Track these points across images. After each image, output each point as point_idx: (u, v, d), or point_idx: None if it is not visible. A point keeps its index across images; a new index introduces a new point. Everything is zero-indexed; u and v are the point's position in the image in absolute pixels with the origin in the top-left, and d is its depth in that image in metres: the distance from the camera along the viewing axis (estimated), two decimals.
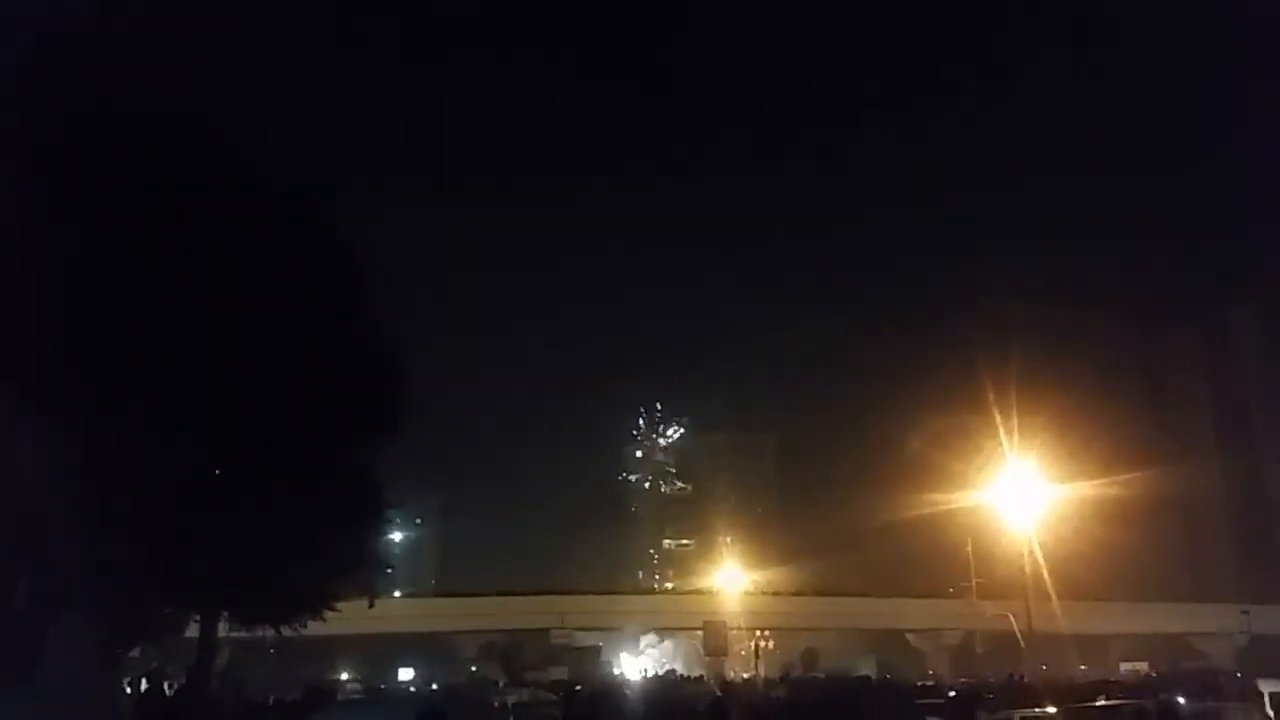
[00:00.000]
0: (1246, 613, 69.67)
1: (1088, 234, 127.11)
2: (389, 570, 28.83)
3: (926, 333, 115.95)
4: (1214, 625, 69.87)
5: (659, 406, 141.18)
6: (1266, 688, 25.41)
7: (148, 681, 22.85)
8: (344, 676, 61.87)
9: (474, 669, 65.58)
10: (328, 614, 22.07)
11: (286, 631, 21.42)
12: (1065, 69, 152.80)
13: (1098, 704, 20.41)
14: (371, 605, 25.07)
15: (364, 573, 23.11)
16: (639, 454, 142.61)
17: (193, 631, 20.66)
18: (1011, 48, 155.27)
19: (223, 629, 21.17)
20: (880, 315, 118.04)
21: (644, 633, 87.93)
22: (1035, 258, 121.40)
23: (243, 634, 21.77)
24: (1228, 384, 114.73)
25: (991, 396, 47.91)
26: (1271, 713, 21.26)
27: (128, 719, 15.44)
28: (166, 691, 21.38)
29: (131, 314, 14.74)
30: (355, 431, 19.45)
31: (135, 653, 22.48)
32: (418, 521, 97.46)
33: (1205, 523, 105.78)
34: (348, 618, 27.18)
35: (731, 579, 79.38)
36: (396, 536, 71.71)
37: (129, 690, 22.36)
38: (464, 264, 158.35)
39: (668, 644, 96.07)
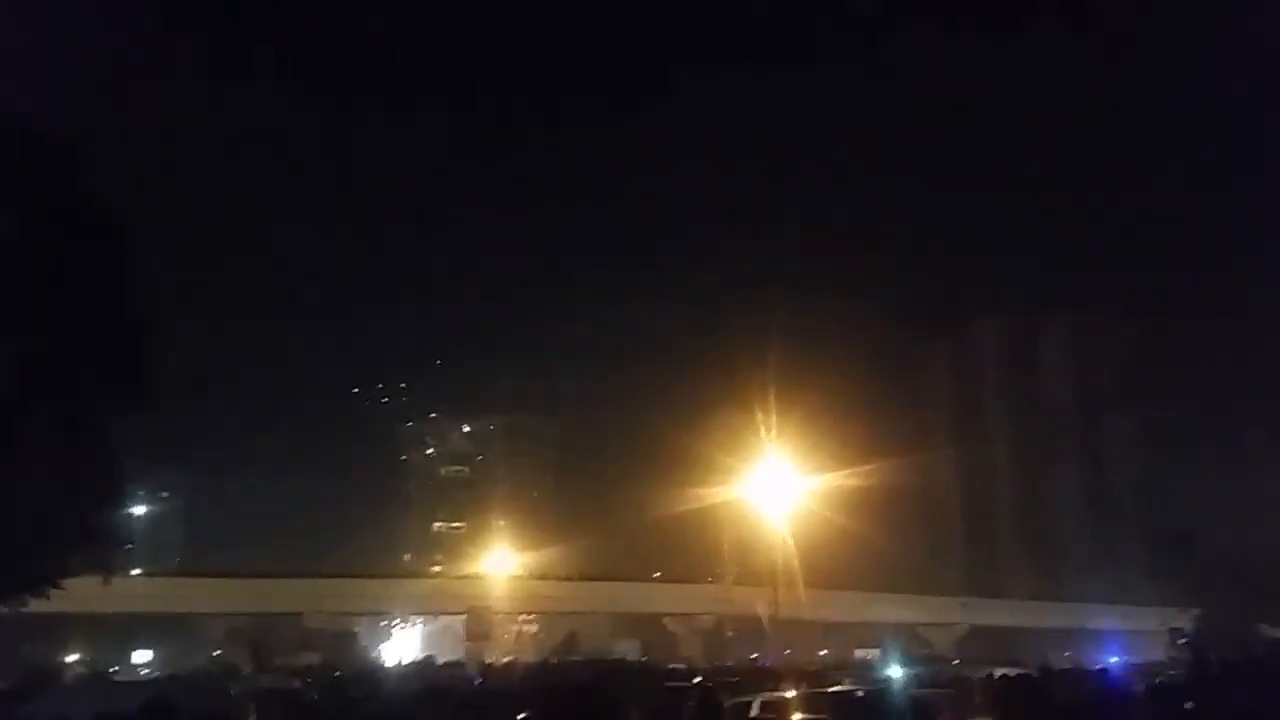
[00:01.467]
0: (965, 605, 77.19)
1: (856, 236, 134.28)
2: (128, 547, 26.87)
3: (698, 328, 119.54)
4: (938, 616, 76.52)
5: (435, 386, 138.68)
6: (976, 672, 28.15)
7: None
8: (72, 659, 57.15)
9: (217, 653, 62.17)
10: (56, 590, 20.42)
11: (3, 609, 19.66)
12: (860, 67, 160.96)
13: (830, 690, 21.90)
14: (107, 582, 23.33)
15: (98, 547, 21.48)
16: (415, 434, 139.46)
17: None
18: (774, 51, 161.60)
19: None
20: (658, 306, 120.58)
21: (406, 617, 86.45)
22: (802, 256, 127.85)
23: None
24: (970, 392, 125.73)
25: (753, 391, 50.61)
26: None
27: None
28: None
29: None
30: (91, 395, 18.02)
31: None
32: (163, 495, 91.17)
33: (939, 519, 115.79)
34: (80, 595, 25.23)
35: (500, 563, 79.44)
36: (138, 510, 67.14)
37: None
38: (233, 219, 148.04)
39: (431, 629, 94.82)
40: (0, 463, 15.51)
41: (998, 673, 25.00)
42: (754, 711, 18.42)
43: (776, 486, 48.95)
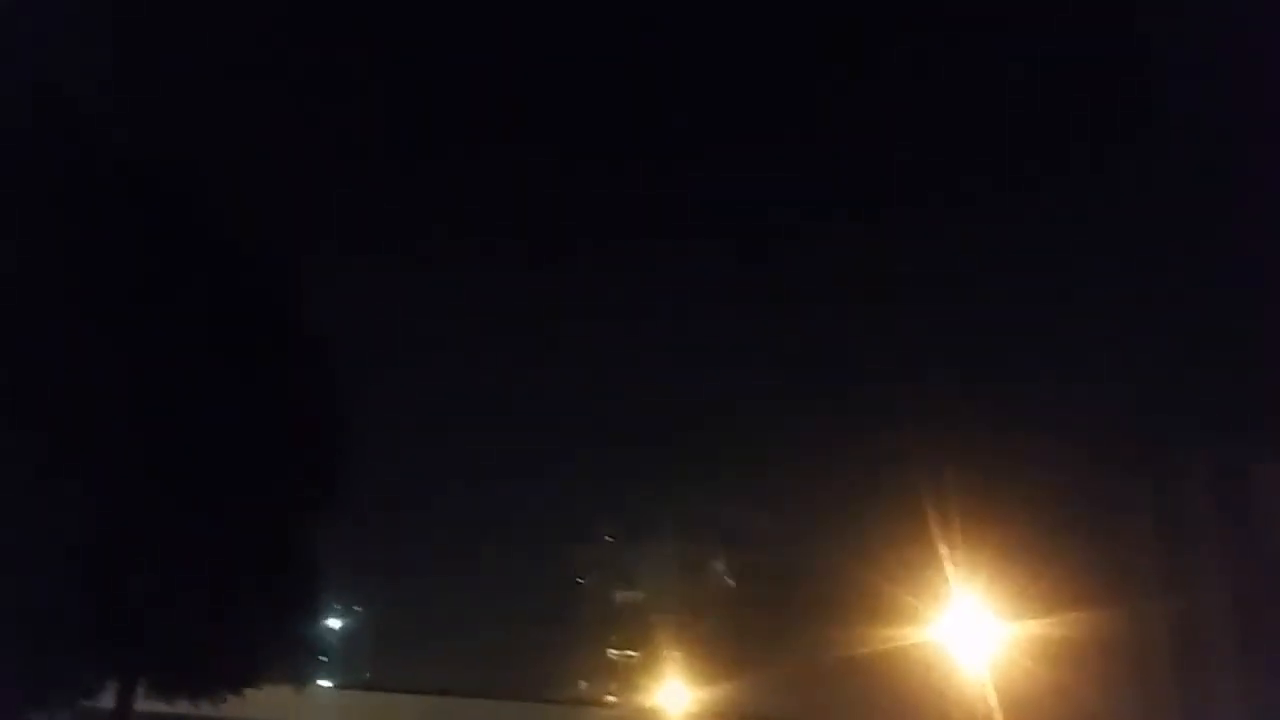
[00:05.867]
0: None
1: (1044, 365, 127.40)
2: (323, 658, 27.77)
3: (878, 462, 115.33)
4: None
5: (611, 510, 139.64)
6: None
7: None
8: None
9: None
10: (253, 696, 21.22)
11: (205, 708, 20.52)
12: None
13: None
14: (298, 691, 24.06)
15: (295, 655, 22.31)
16: (589, 557, 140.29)
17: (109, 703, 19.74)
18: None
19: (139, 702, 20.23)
20: (833, 438, 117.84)
21: None
22: (999, 389, 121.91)
23: (161, 708, 20.83)
24: (1176, 532, 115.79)
25: (945, 531, 47.90)
26: None
27: None
28: None
29: (68, 358, 14.42)
30: (295, 508, 19.00)
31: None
32: (356, 609, 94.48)
33: (1149, 668, 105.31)
34: (271, 703, 26.09)
35: (676, 697, 77.38)
36: (334, 623, 69.70)
37: None
38: (423, 343, 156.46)
39: None
40: (203, 567, 16.37)
41: None
42: None
43: (973, 632, 45.80)
